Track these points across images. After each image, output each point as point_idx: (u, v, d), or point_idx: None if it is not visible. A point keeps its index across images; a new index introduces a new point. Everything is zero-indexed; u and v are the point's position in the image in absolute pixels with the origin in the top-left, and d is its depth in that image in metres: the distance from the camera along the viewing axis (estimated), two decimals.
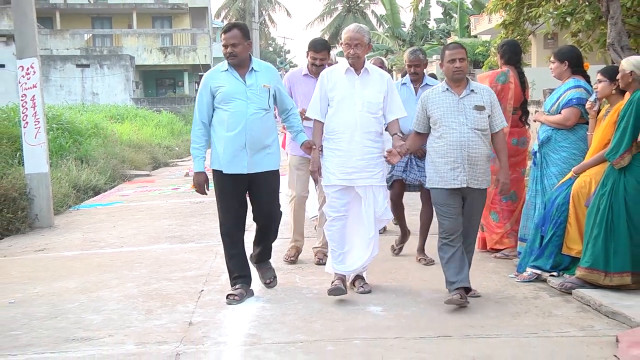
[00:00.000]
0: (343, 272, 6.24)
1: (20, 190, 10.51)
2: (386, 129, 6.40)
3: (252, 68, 6.14)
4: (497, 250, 7.46)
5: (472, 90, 5.95)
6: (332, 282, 6.16)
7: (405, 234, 7.74)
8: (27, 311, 6.10)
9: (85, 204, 13.26)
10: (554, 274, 6.42)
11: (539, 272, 6.49)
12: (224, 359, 4.88)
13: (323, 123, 6.28)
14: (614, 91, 6.21)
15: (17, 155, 12.32)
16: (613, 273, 5.88)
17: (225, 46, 6.05)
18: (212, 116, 6.16)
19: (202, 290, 6.58)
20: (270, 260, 6.57)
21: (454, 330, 5.27)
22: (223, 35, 6.08)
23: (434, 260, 7.01)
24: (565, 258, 6.45)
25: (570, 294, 6.06)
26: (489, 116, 5.93)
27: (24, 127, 10.63)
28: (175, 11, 50.61)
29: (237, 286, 6.18)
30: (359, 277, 6.40)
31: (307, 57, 7.40)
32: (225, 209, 6.22)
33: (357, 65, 6.21)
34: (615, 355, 4.69)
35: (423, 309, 5.81)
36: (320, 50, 7.31)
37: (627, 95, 5.95)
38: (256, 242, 6.47)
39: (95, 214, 12.02)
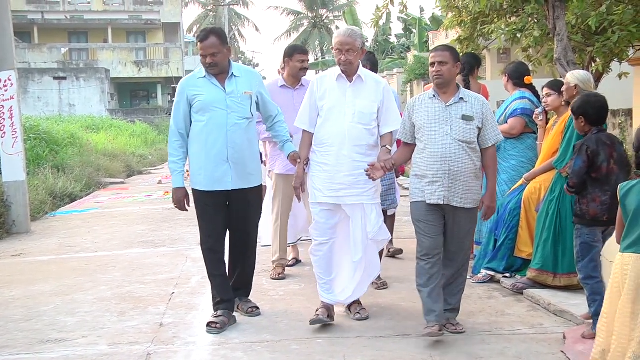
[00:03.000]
0: (330, 302, 5.51)
1: None
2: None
3: (232, 74, 5.44)
4: None
5: (462, 99, 5.11)
6: (316, 310, 5.48)
7: None
8: (3, 314, 6.02)
9: (62, 211, 13.13)
10: (507, 275, 6.47)
11: (492, 273, 6.53)
12: (193, 358, 4.83)
13: (312, 134, 5.53)
14: (563, 103, 6.27)
15: None
16: (561, 274, 5.94)
17: (204, 56, 5.33)
18: (190, 127, 5.46)
19: (173, 293, 6.53)
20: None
21: (412, 329, 5.27)
22: (200, 44, 5.33)
23: (386, 284, 6.51)
24: (517, 260, 6.50)
25: (522, 294, 6.11)
26: (479, 129, 5.07)
27: (2, 137, 10.53)
28: (149, 26, 50.44)
29: (218, 313, 5.48)
30: (355, 301, 5.63)
31: (289, 64, 6.78)
32: (207, 227, 5.53)
33: (349, 71, 5.43)
34: (562, 351, 4.73)
35: (383, 309, 5.81)
36: (306, 51, 6.87)
37: None
38: (232, 266, 5.72)
39: (71, 220, 11.90)
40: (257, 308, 5.67)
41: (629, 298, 3.89)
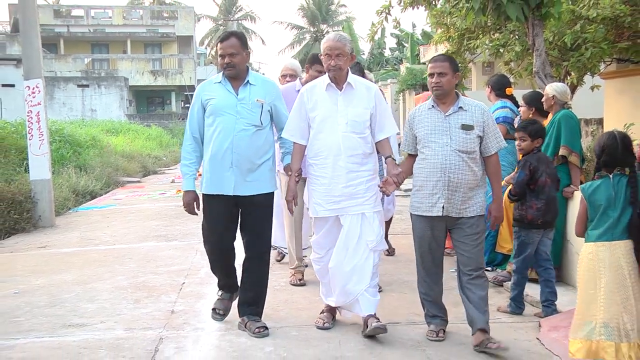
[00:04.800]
0: (332, 304, 5.14)
1: (25, 194, 10.42)
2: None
3: (248, 81, 4.97)
4: None
5: (461, 108, 4.66)
6: (321, 312, 5.20)
7: None
8: (29, 300, 6.02)
9: (83, 207, 13.15)
10: (489, 269, 6.46)
11: None
12: (202, 342, 4.84)
13: (304, 146, 5.00)
14: (531, 115, 6.31)
15: (24, 163, 12.18)
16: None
17: (222, 56, 4.88)
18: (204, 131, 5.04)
19: (184, 283, 6.54)
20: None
21: (401, 318, 5.30)
22: (220, 44, 4.90)
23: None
24: (498, 255, 6.52)
25: (502, 286, 6.12)
26: (480, 137, 4.64)
27: (30, 139, 10.57)
28: (164, 39, 50.42)
29: (222, 295, 5.35)
30: (371, 316, 4.88)
31: (308, 71, 6.33)
32: (208, 230, 5.15)
33: (339, 78, 4.87)
34: (538, 338, 4.77)
35: None
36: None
37: (551, 116, 6.03)
38: (243, 273, 5.14)
39: (91, 215, 11.91)
40: (266, 328, 4.98)
41: (610, 279, 4.04)
